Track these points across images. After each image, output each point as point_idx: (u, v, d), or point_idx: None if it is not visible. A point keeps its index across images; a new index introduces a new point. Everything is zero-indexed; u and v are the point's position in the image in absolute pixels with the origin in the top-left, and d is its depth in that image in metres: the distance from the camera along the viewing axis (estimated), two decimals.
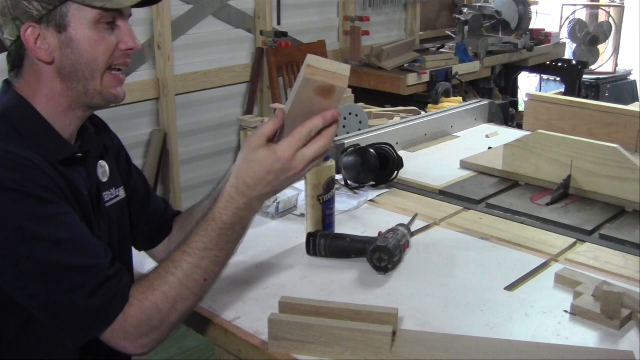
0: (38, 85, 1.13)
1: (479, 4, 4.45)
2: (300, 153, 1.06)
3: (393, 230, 1.40)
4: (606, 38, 5.19)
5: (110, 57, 1.13)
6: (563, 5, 5.53)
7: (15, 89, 1.13)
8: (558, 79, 5.05)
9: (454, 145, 2.18)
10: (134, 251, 1.37)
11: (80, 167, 1.17)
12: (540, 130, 1.78)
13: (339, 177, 1.72)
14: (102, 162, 1.24)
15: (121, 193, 1.28)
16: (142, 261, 1.39)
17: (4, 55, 1.15)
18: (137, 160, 3.35)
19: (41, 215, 1.02)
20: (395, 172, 1.79)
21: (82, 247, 1.05)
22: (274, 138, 1.09)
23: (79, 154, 1.17)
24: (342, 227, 1.53)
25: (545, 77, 5.33)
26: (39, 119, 1.12)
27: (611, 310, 1.14)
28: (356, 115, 2.16)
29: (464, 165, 1.93)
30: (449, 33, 4.58)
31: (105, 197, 1.23)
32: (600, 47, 5.22)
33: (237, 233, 1.10)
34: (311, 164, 1.08)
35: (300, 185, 1.51)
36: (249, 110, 3.74)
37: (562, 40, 4.98)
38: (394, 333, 1.07)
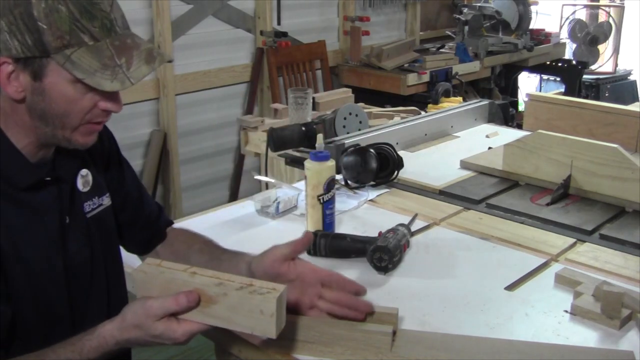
0: (10, 113, 1.07)
1: (479, 4, 4.45)
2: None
3: (393, 230, 1.40)
4: (606, 38, 5.18)
5: (88, 113, 1.07)
6: (563, 5, 5.53)
7: None
8: (558, 79, 5.05)
9: (454, 145, 2.18)
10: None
11: (52, 186, 1.13)
12: (540, 130, 1.78)
13: (339, 177, 1.71)
14: (84, 171, 1.20)
15: (105, 201, 1.24)
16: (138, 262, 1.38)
17: None
18: (137, 160, 3.35)
19: None
20: (395, 172, 1.78)
21: None
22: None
23: (47, 178, 1.12)
24: (342, 227, 1.53)
25: (545, 77, 5.33)
26: (6, 144, 1.08)
27: (611, 310, 1.14)
28: (356, 115, 2.16)
29: (464, 165, 1.93)
30: (449, 33, 4.58)
31: (87, 208, 1.19)
32: (600, 47, 5.21)
33: None
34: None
35: (300, 185, 1.51)
36: (249, 110, 3.74)
37: (562, 40, 4.98)
38: (394, 333, 1.07)
